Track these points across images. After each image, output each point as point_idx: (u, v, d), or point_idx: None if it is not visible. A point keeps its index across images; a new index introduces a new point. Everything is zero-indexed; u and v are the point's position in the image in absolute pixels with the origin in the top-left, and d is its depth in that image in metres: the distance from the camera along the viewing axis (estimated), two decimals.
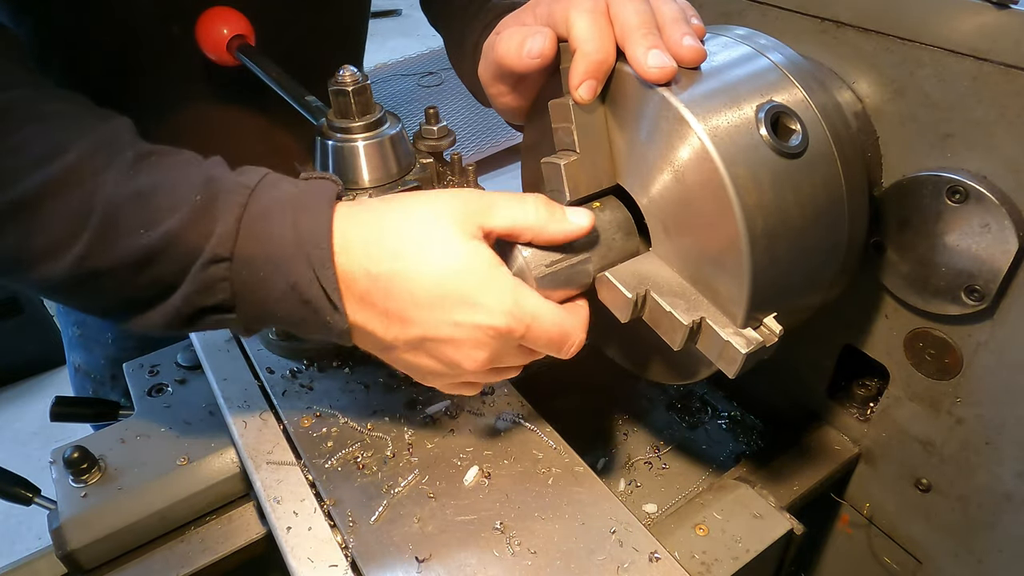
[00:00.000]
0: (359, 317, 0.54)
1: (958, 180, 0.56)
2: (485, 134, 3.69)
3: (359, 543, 0.58)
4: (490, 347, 0.54)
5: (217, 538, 0.72)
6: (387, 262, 0.51)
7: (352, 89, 0.64)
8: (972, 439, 0.65)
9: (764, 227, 0.50)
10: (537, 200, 0.55)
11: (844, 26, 0.62)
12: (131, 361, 0.86)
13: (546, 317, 0.54)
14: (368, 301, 0.53)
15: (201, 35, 0.80)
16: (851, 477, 0.78)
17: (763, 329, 0.53)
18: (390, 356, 0.57)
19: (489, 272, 0.52)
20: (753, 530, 0.65)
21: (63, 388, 1.16)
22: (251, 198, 0.52)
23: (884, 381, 0.71)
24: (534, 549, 0.58)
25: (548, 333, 0.54)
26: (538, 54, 0.55)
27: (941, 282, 0.60)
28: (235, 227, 0.51)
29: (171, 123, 0.88)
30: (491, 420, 0.70)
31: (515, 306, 0.52)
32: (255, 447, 0.67)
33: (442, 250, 0.52)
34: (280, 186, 0.54)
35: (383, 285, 0.52)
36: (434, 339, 0.53)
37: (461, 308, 0.52)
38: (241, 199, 0.52)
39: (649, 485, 0.80)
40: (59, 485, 0.71)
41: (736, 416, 0.88)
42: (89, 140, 0.52)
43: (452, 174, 0.73)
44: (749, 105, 0.52)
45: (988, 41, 0.53)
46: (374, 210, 0.54)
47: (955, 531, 0.70)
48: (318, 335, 0.55)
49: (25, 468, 0.75)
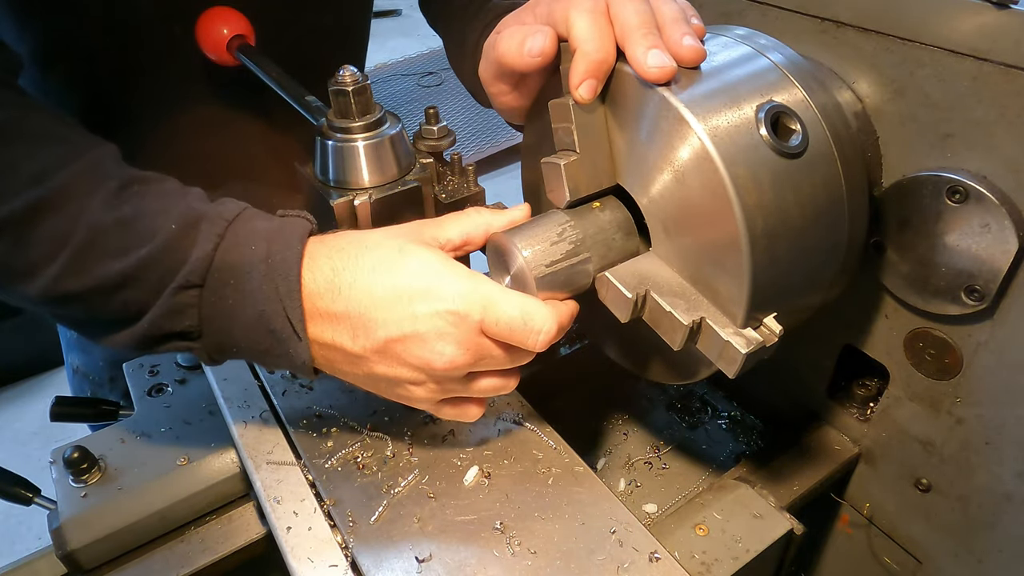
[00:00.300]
0: (326, 334, 0.55)
1: (958, 180, 0.56)
2: (485, 134, 3.69)
3: (359, 543, 0.58)
4: (454, 337, 0.54)
5: (217, 538, 0.72)
6: (349, 273, 0.54)
7: (352, 89, 0.64)
8: (972, 439, 0.65)
9: (764, 227, 0.50)
10: (476, 208, 0.62)
11: (844, 26, 0.62)
12: (131, 361, 0.86)
13: (503, 298, 0.54)
14: (332, 315, 0.55)
15: (201, 35, 0.80)
16: (851, 477, 0.78)
17: (763, 329, 0.53)
18: (364, 372, 0.58)
19: (444, 265, 0.55)
20: (753, 530, 0.65)
21: (63, 388, 1.16)
22: (228, 229, 0.55)
23: (884, 381, 0.71)
24: (534, 549, 0.58)
25: (508, 315, 0.54)
26: (538, 53, 0.56)
27: (941, 282, 0.60)
28: (210, 256, 0.53)
29: (171, 123, 0.88)
30: (491, 420, 0.70)
31: (470, 290, 0.54)
32: (255, 447, 0.67)
33: (399, 255, 0.55)
34: (256, 221, 0.56)
35: (345, 294, 0.54)
36: (398, 338, 0.54)
37: (418, 299, 0.54)
38: (219, 230, 0.54)
39: (649, 485, 0.80)
40: (59, 485, 0.71)
41: (736, 416, 0.88)
42: (77, 165, 0.54)
43: (452, 174, 0.73)
44: (749, 105, 0.52)
45: (988, 41, 0.53)
46: (342, 237, 0.57)
47: (955, 531, 0.70)
48: (280, 366, 0.57)
49: (25, 468, 0.75)
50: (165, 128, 0.87)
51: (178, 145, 0.89)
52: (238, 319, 0.55)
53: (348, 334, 0.55)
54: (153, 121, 0.88)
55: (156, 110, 0.87)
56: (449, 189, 0.71)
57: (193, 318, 0.54)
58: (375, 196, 0.65)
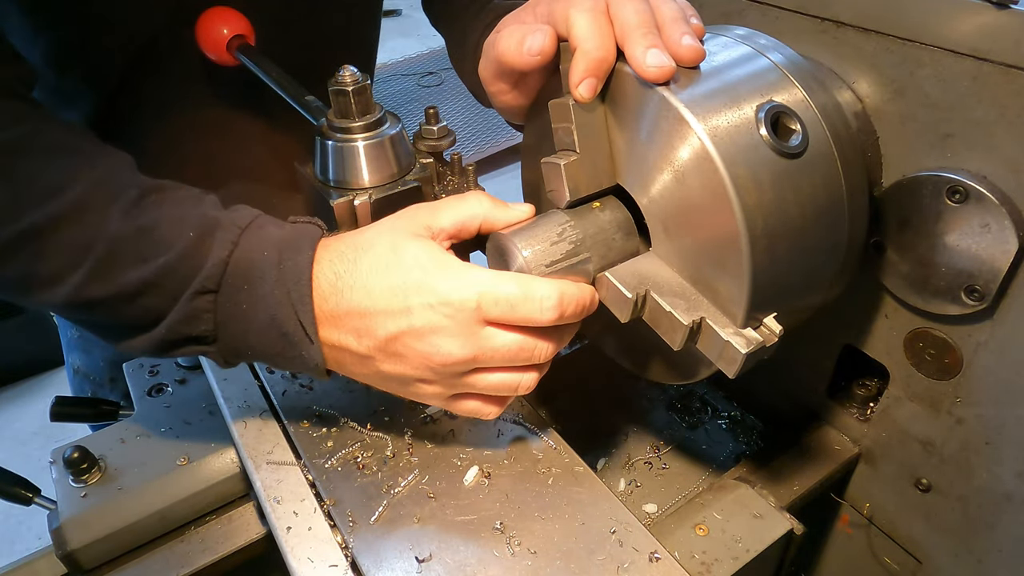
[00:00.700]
0: (334, 336, 0.56)
1: (958, 180, 0.56)
2: (485, 134, 3.69)
3: (359, 543, 0.58)
4: (449, 330, 0.54)
5: (217, 538, 0.72)
6: (350, 277, 0.55)
7: (352, 89, 0.64)
8: (972, 439, 0.65)
9: (764, 227, 0.50)
10: (478, 195, 0.60)
11: (844, 26, 0.62)
12: (131, 361, 0.86)
13: (498, 279, 0.54)
14: (338, 317, 0.56)
15: (201, 35, 0.80)
16: (851, 477, 0.78)
17: (763, 329, 0.53)
18: (374, 372, 0.58)
19: (436, 258, 0.55)
20: (753, 530, 0.65)
21: (63, 388, 1.16)
22: (242, 236, 0.56)
23: (884, 381, 0.71)
24: (534, 549, 0.58)
25: (506, 291, 0.53)
26: (538, 51, 0.56)
27: (941, 282, 0.60)
28: (225, 262, 0.55)
29: (171, 123, 0.88)
30: (491, 420, 0.70)
31: (463, 279, 0.54)
32: (255, 447, 0.67)
33: (392, 253, 0.55)
34: (268, 228, 0.58)
35: (347, 297, 0.55)
36: (396, 335, 0.55)
37: (412, 294, 0.54)
38: (233, 237, 0.56)
39: (649, 485, 0.80)
40: (59, 485, 0.71)
41: (736, 416, 0.88)
42: (95, 176, 0.55)
43: (452, 174, 0.73)
44: (749, 105, 0.52)
45: (988, 41, 0.53)
46: (342, 241, 0.58)
47: (955, 531, 0.70)
48: (293, 368, 0.59)
49: (25, 468, 0.75)
50: (165, 128, 0.87)
51: (178, 145, 0.89)
52: (252, 323, 0.56)
53: (353, 335, 0.56)
54: (153, 121, 0.88)
55: (156, 110, 0.87)
56: (449, 189, 0.71)
57: (209, 323, 0.56)
58: (375, 196, 0.65)
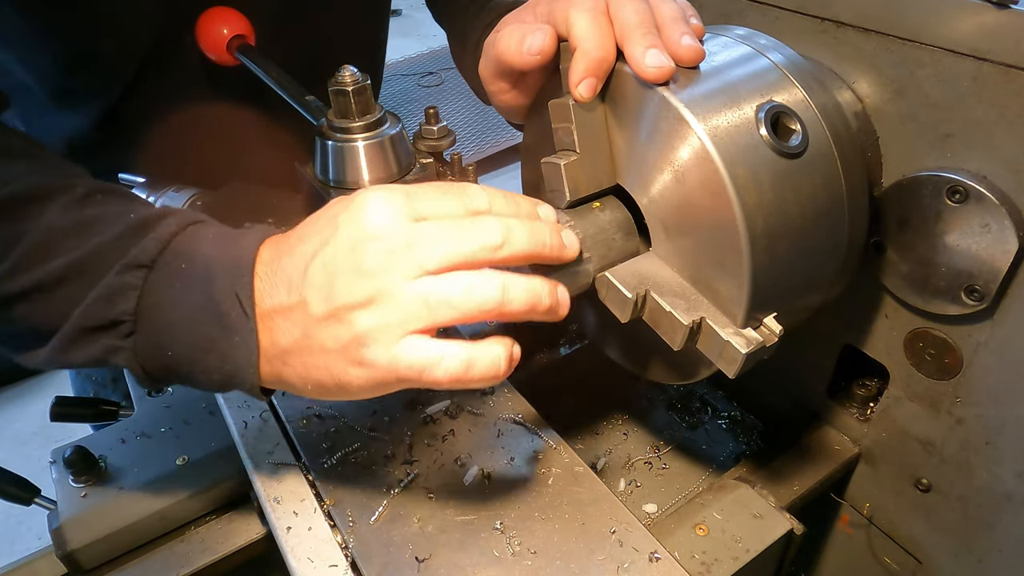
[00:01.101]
0: (266, 301, 0.50)
1: (958, 180, 0.56)
2: (485, 134, 3.69)
3: (359, 543, 0.58)
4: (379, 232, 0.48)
5: (217, 538, 0.72)
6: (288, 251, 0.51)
7: (352, 89, 0.64)
8: (972, 439, 0.65)
9: (764, 227, 0.50)
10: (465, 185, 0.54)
11: (844, 26, 0.62)
12: None
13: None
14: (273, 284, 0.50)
15: (201, 35, 0.80)
16: (851, 477, 0.78)
17: (763, 329, 0.53)
18: (304, 333, 0.50)
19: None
20: (753, 530, 0.65)
21: (63, 388, 1.16)
22: (191, 226, 0.53)
23: (884, 381, 0.71)
24: (534, 549, 0.58)
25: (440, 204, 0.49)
26: (538, 51, 0.56)
27: (941, 282, 0.60)
28: (165, 242, 0.52)
29: (171, 123, 0.88)
30: (491, 420, 0.70)
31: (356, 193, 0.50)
32: (255, 447, 0.67)
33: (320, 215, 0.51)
34: (221, 226, 0.55)
35: (283, 263, 0.50)
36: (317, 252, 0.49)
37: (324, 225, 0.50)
38: (183, 222, 0.53)
39: (649, 485, 0.80)
40: (59, 485, 0.71)
41: (736, 416, 0.88)
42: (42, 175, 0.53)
43: (452, 174, 0.73)
44: (749, 105, 0.52)
45: (988, 41, 0.53)
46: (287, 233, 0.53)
47: (955, 531, 0.70)
48: (220, 369, 0.51)
49: (25, 468, 0.75)
50: (165, 128, 0.87)
51: (178, 145, 0.89)
52: (182, 308, 0.50)
53: (284, 287, 0.50)
54: (153, 122, 0.88)
55: (156, 110, 0.87)
56: None
57: (131, 302, 0.50)
58: None
